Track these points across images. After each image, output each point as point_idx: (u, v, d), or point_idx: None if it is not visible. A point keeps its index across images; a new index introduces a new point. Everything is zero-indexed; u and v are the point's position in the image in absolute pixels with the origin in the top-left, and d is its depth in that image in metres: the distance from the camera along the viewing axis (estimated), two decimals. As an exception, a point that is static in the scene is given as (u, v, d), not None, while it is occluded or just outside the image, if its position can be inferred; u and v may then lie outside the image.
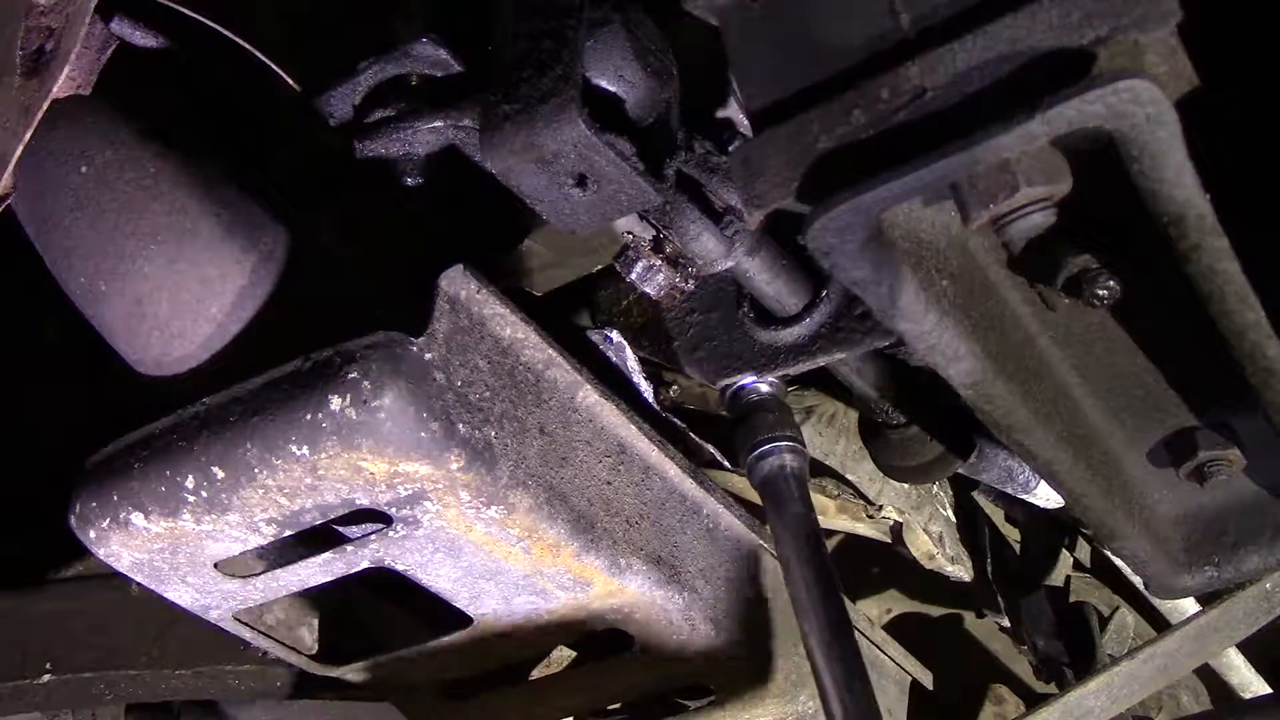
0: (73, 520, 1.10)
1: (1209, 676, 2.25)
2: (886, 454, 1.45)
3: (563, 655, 1.56)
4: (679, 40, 1.09)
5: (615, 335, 1.34)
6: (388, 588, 1.36)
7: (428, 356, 1.03)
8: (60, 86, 1.03)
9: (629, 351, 1.34)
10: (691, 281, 1.25)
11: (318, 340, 1.03)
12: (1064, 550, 2.21)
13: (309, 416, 0.99)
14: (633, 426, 1.25)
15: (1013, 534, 2.19)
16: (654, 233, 1.19)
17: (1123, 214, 0.85)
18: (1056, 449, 1.02)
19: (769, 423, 1.24)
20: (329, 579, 1.17)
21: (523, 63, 0.98)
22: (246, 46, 1.14)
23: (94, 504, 1.09)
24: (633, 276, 1.21)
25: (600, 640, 1.32)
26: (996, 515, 2.14)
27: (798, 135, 0.85)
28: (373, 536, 1.10)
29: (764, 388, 1.27)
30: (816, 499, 1.48)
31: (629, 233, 1.20)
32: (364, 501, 1.04)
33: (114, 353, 1.17)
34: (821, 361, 1.22)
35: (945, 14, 0.81)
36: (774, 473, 1.23)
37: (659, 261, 1.19)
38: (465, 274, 1.09)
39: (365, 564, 1.14)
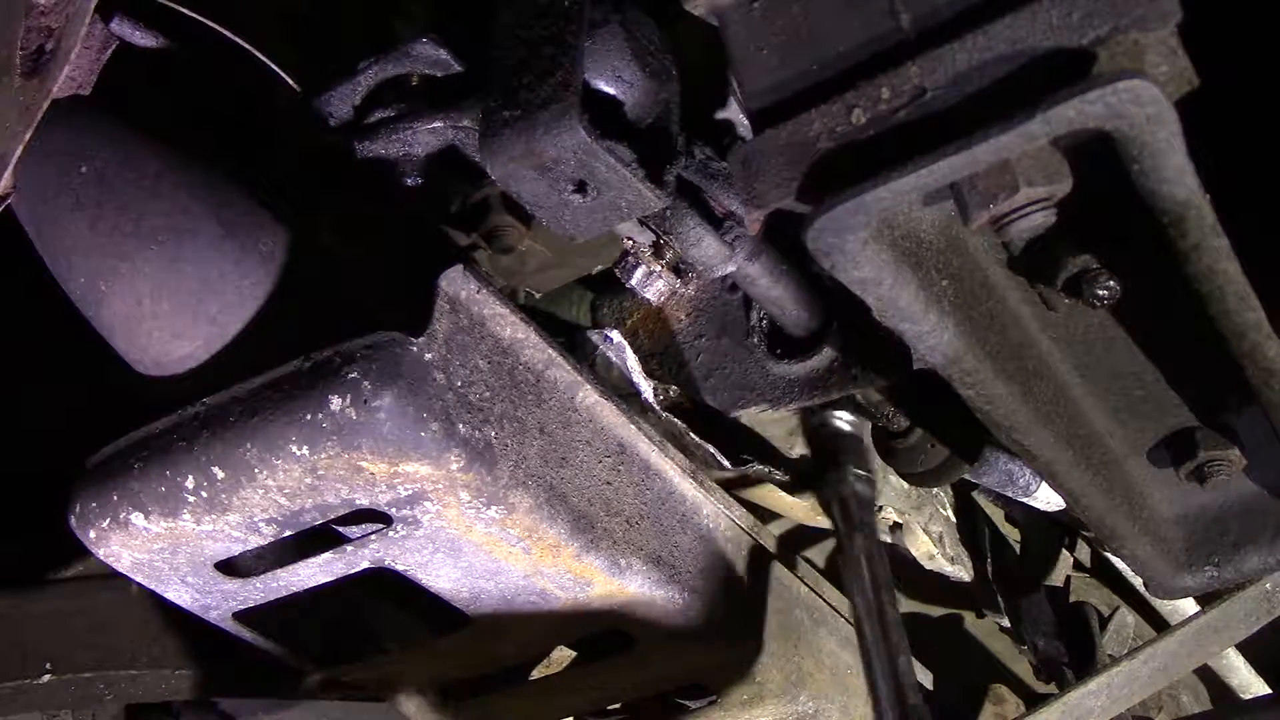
0: (73, 520, 1.10)
1: (1209, 676, 2.25)
2: (893, 461, 1.45)
3: (563, 655, 1.56)
4: (679, 40, 1.09)
5: (615, 335, 1.34)
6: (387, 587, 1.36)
7: (428, 357, 1.03)
8: (60, 86, 1.02)
9: (629, 351, 1.34)
10: (692, 286, 1.26)
11: (318, 340, 1.03)
12: (1064, 550, 2.20)
13: (309, 416, 0.99)
14: (633, 426, 1.25)
15: (1013, 534, 2.18)
16: (654, 238, 1.19)
17: (1123, 214, 0.85)
18: (1057, 449, 1.02)
19: (848, 452, 1.27)
20: (329, 579, 1.17)
21: (522, 68, 0.98)
22: (246, 46, 1.14)
23: (94, 504, 1.09)
24: (632, 282, 1.21)
25: (600, 640, 1.32)
26: (996, 515, 2.13)
27: (798, 135, 0.85)
28: (373, 536, 1.10)
29: (845, 426, 1.32)
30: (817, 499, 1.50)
31: (629, 239, 1.20)
32: (364, 502, 1.04)
33: (114, 352, 1.17)
34: (835, 396, 1.22)
35: (945, 14, 0.81)
36: (847, 495, 1.27)
37: (659, 267, 1.19)
38: (465, 274, 1.08)
39: (365, 564, 1.14)
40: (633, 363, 1.35)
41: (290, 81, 1.17)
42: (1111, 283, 0.89)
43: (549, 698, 1.47)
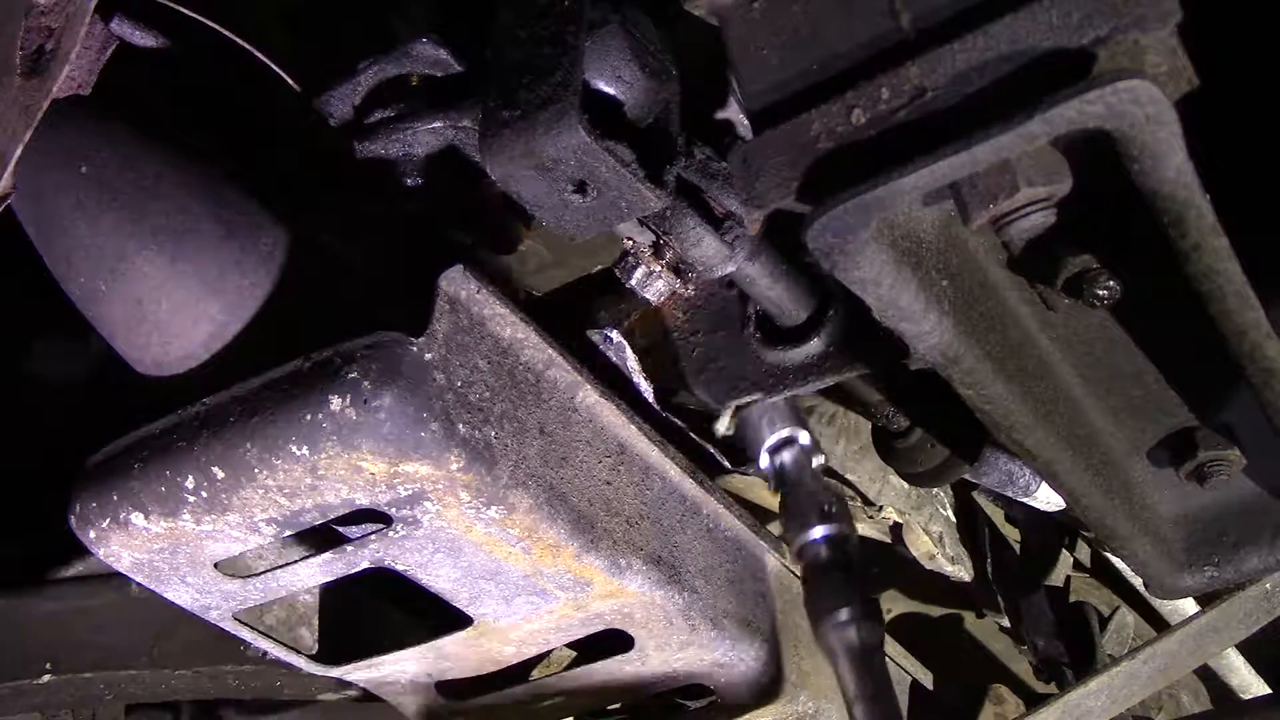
0: (73, 520, 1.10)
1: (1209, 676, 2.25)
2: (893, 461, 1.45)
3: (563, 655, 1.56)
4: (679, 40, 1.09)
5: (615, 335, 1.34)
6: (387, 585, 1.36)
7: (428, 357, 1.03)
8: (60, 86, 1.03)
9: (629, 351, 1.34)
10: (691, 287, 1.25)
11: (318, 340, 1.03)
12: (1064, 550, 2.21)
13: (309, 417, 0.99)
14: (633, 426, 1.25)
15: (1013, 534, 2.19)
16: (654, 238, 1.19)
17: (1123, 214, 0.85)
18: (1057, 449, 1.02)
19: (840, 587, 1.15)
20: (329, 579, 1.17)
21: (522, 68, 0.98)
22: (246, 46, 1.14)
23: (94, 504, 1.09)
24: (632, 282, 1.20)
25: (600, 640, 1.32)
26: (996, 515, 2.14)
27: (798, 135, 0.85)
28: (373, 536, 1.10)
29: (827, 548, 1.18)
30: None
31: (629, 239, 1.19)
32: (364, 501, 1.04)
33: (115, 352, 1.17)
34: (830, 381, 1.20)
35: (945, 14, 0.81)
36: (849, 645, 1.13)
37: (659, 267, 1.19)
38: (465, 274, 1.08)
39: (365, 564, 1.14)
40: (633, 363, 1.34)
41: (290, 81, 1.17)
42: (1111, 283, 0.89)
43: (549, 698, 1.47)
